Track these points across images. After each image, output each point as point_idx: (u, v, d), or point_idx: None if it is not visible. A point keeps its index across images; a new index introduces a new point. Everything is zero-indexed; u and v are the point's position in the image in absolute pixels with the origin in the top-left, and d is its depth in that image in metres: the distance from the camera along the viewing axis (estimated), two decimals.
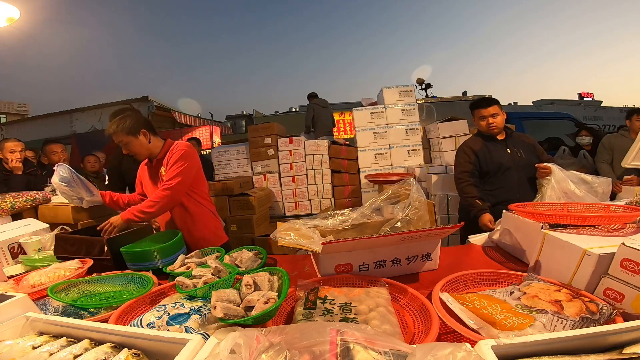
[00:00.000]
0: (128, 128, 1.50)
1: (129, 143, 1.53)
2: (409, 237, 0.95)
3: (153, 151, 1.60)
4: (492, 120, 1.91)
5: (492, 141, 1.96)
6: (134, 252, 1.18)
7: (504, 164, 1.91)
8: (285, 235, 0.99)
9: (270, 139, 3.68)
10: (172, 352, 0.52)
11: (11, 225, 1.56)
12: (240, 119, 14.02)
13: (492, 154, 1.93)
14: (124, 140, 1.52)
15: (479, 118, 1.96)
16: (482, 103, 1.95)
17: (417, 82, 7.26)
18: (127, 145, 1.54)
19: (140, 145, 1.55)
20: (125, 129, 1.50)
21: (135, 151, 1.56)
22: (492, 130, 1.94)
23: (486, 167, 1.94)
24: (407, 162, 3.63)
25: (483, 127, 1.95)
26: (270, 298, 0.69)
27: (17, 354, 0.56)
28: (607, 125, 9.12)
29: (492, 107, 1.92)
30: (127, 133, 1.51)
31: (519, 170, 1.89)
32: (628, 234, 0.87)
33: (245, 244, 2.94)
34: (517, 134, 2.04)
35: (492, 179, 1.94)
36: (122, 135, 1.50)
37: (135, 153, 1.57)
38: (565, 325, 0.61)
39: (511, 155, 1.92)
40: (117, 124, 1.50)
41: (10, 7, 3.26)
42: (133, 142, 1.53)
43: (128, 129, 1.50)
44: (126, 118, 1.52)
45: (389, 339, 0.50)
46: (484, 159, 1.94)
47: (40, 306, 0.86)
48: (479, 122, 1.98)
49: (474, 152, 1.97)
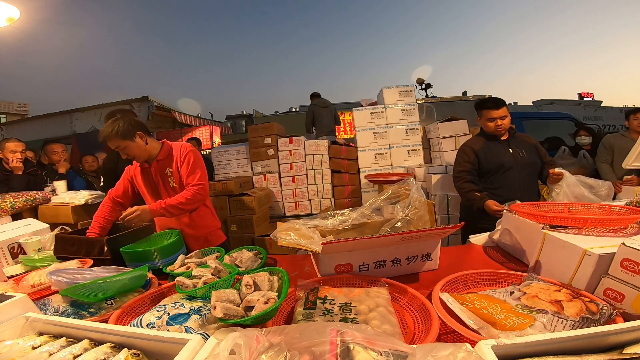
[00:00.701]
0: (123, 132, 1.45)
1: (127, 147, 1.49)
2: (409, 237, 0.95)
3: (151, 153, 1.58)
4: (501, 122, 1.90)
5: (494, 141, 1.96)
6: (134, 252, 1.18)
7: (505, 164, 1.90)
8: (285, 235, 0.99)
9: (270, 139, 3.68)
10: (172, 352, 0.52)
11: (11, 225, 1.56)
12: (240, 119, 14.01)
13: (493, 154, 1.93)
14: (121, 145, 1.48)
15: (487, 119, 1.93)
16: (492, 104, 1.91)
17: (417, 82, 7.26)
18: (125, 150, 1.50)
19: (138, 148, 1.52)
20: (120, 134, 1.45)
21: (134, 154, 1.53)
22: (499, 132, 1.93)
23: (487, 166, 1.94)
24: (407, 162, 3.63)
25: (491, 128, 1.93)
26: (270, 298, 0.69)
27: (17, 354, 0.56)
28: (607, 125, 9.11)
29: (502, 109, 1.89)
30: (123, 137, 1.46)
31: (521, 170, 1.89)
32: (628, 234, 0.87)
33: (245, 244, 2.95)
34: (520, 134, 2.04)
35: (493, 178, 1.94)
36: (118, 141, 1.46)
37: (134, 156, 1.54)
38: (565, 325, 0.61)
39: (513, 155, 1.92)
40: (111, 129, 1.44)
41: (10, 7, 3.26)
42: (130, 146, 1.49)
43: (123, 134, 1.45)
44: (118, 122, 1.46)
45: (389, 339, 0.50)
46: (485, 158, 1.94)
47: (40, 306, 0.85)
48: (486, 122, 1.94)
49: (474, 151, 1.96)
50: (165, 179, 1.60)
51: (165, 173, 1.60)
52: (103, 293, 0.86)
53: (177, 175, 1.59)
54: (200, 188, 1.55)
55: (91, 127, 6.69)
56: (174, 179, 1.59)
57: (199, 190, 1.55)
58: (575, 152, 3.55)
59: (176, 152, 1.61)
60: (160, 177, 1.60)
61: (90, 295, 0.85)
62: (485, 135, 2.00)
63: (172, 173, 1.59)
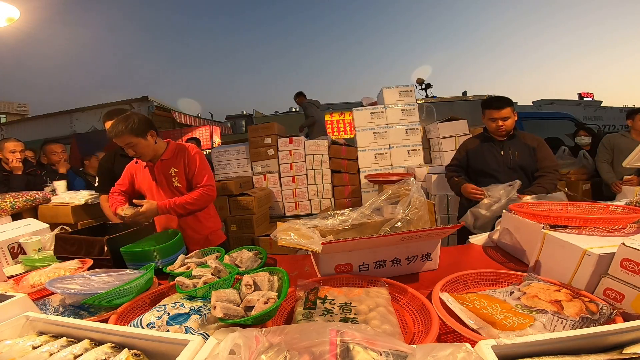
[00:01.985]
0: (137, 129, 1.45)
1: (137, 145, 1.48)
2: (409, 237, 0.95)
3: (158, 152, 1.58)
4: (502, 124, 1.84)
5: (490, 142, 1.94)
6: (134, 252, 1.18)
7: (490, 166, 1.89)
8: (285, 235, 0.99)
9: (270, 139, 3.68)
10: (173, 353, 0.52)
11: (11, 225, 1.56)
12: (240, 119, 13.99)
13: (481, 155, 1.93)
14: (132, 142, 1.46)
15: (489, 118, 1.89)
16: (495, 104, 1.85)
17: (417, 82, 7.24)
18: (135, 147, 1.48)
19: (148, 147, 1.52)
20: (134, 130, 1.45)
21: (142, 152, 1.51)
22: (500, 133, 1.87)
23: (474, 166, 1.97)
24: (407, 162, 3.63)
25: (492, 128, 1.89)
26: (270, 298, 0.69)
27: (17, 354, 0.56)
28: (607, 125, 9.11)
29: (504, 109, 1.83)
30: (136, 134, 1.46)
31: (507, 174, 1.83)
32: (628, 234, 0.86)
33: (245, 244, 2.94)
34: (523, 134, 1.95)
35: (478, 179, 1.93)
36: (131, 137, 1.45)
37: (141, 154, 1.53)
38: (565, 325, 0.61)
39: (503, 157, 1.87)
40: (124, 126, 1.43)
41: (10, 7, 3.26)
42: (141, 143, 1.48)
43: (137, 130, 1.45)
44: (132, 117, 1.47)
45: (389, 339, 0.50)
46: (474, 158, 1.96)
47: (40, 306, 0.85)
48: (488, 122, 1.90)
49: (466, 150, 2.00)
50: (169, 178, 1.59)
51: (169, 173, 1.59)
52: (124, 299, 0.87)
53: (183, 176, 1.59)
54: (210, 189, 1.58)
55: (91, 127, 6.70)
56: (178, 179, 1.59)
57: (208, 191, 1.57)
58: (575, 152, 3.56)
59: (182, 152, 1.61)
60: (164, 176, 1.60)
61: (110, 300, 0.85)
62: (483, 135, 1.99)
63: (177, 173, 1.59)
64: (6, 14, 3.29)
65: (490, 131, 1.93)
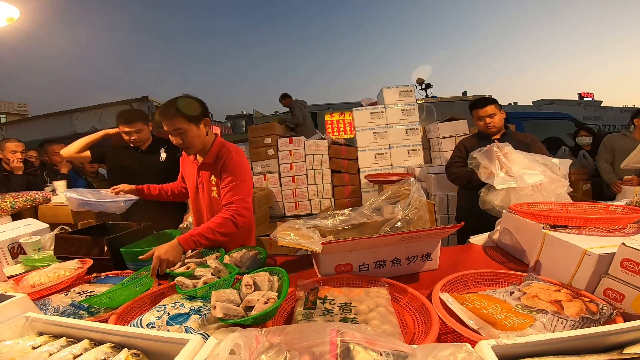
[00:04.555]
0: (192, 114, 1.25)
1: (187, 132, 1.26)
2: (409, 237, 0.95)
3: (206, 146, 1.36)
4: (490, 120, 1.95)
5: (485, 140, 2.00)
6: (134, 252, 1.18)
7: None
8: (285, 235, 0.99)
9: (270, 139, 3.68)
10: (172, 353, 0.52)
11: (11, 225, 1.56)
12: (240, 119, 13.98)
13: None
14: (183, 128, 1.25)
15: (476, 118, 2.01)
16: (479, 103, 1.99)
17: (417, 82, 7.25)
18: (184, 135, 1.26)
19: (198, 137, 1.30)
20: (188, 115, 1.24)
21: (190, 143, 1.29)
22: (490, 130, 1.98)
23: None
24: (407, 162, 3.63)
25: (481, 127, 2.00)
26: (270, 298, 0.69)
27: (17, 354, 0.56)
28: (607, 125, 9.10)
29: (488, 107, 1.95)
30: (190, 120, 1.25)
31: None
32: (628, 234, 0.86)
33: None
34: (516, 133, 2.06)
35: None
36: (183, 122, 1.24)
37: (189, 145, 1.30)
38: (565, 325, 0.61)
39: None
40: (178, 106, 1.23)
41: (10, 7, 3.26)
42: (192, 130, 1.27)
43: (192, 115, 1.25)
44: (188, 99, 1.26)
45: (389, 339, 0.50)
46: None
47: (40, 306, 0.85)
48: (477, 122, 2.02)
49: (465, 147, 2.04)
50: (209, 186, 1.38)
51: (210, 180, 1.38)
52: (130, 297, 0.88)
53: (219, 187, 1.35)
54: (238, 210, 1.24)
55: (91, 127, 6.70)
56: (217, 189, 1.37)
57: (235, 214, 1.23)
58: (575, 152, 3.55)
59: (222, 158, 1.33)
60: (205, 182, 1.39)
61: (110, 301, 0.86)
62: (479, 134, 2.07)
63: (216, 182, 1.36)
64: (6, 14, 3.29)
65: (481, 130, 2.03)
